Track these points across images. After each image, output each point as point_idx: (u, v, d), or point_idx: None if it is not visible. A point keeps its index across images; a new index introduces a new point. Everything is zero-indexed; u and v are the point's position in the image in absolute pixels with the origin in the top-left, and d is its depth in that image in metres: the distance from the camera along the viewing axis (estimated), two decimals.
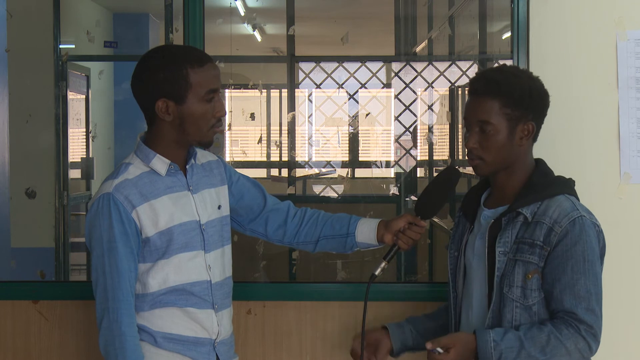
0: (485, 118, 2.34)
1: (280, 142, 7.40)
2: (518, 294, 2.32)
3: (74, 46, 7.13)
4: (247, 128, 9.99)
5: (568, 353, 2.26)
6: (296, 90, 6.70)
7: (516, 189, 2.40)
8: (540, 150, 2.53)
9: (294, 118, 6.59)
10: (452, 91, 6.03)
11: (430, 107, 6.15)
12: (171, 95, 2.33)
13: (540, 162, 2.46)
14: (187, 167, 2.45)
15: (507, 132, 2.35)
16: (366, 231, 2.57)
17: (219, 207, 2.51)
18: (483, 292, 2.40)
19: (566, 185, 2.41)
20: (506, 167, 2.39)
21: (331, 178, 6.53)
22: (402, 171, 6.22)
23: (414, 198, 5.95)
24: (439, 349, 2.26)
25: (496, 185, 2.45)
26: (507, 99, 2.33)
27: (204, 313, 2.43)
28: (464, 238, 2.50)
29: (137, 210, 2.33)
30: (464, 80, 5.86)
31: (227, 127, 5.97)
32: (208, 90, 2.35)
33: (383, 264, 2.48)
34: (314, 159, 7.53)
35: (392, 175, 7.32)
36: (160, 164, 2.39)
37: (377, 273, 2.48)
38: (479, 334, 2.28)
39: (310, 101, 7.98)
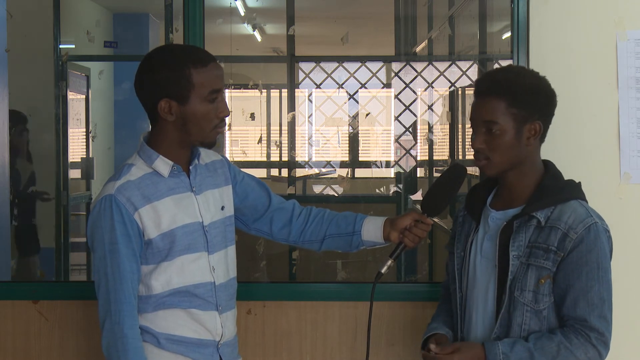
0: (491, 118, 2.33)
1: (280, 142, 7.39)
2: (529, 298, 2.31)
3: (74, 46, 7.12)
4: (247, 128, 9.98)
5: None
6: (296, 90, 6.70)
7: (526, 191, 2.39)
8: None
9: (294, 118, 6.59)
10: (452, 91, 6.03)
11: (430, 107, 6.15)
12: (174, 95, 2.32)
13: (549, 165, 2.44)
14: (191, 167, 2.44)
15: (514, 132, 2.34)
16: (372, 229, 2.57)
17: (222, 208, 2.50)
18: (491, 294, 2.39)
19: (578, 190, 2.40)
20: (514, 167, 2.38)
21: (331, 178, 6.53)
22: (402, 171, 6.22)
23: (413, 198, 5.94)
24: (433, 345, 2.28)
25: (505, 185, 2.43)
26: (512, 99, 2.32)
27: (207, 315, 2.42)
28: (470, 237, 2.48)
29: (139, 212, 2.32)
30: (464, 81, 5.86)
31: (227, 127, 5.96)
32: (211, 90, 2.34)
33: (389, 262, 2.47)
34: (314, 159, 7.52)
35: (392, 175, 7.32)
36: (163, 165, 2.38)
37: (383, 271, 2.47)
38: (488, 346, 2.28)
39: (310, 101, 7.96)
